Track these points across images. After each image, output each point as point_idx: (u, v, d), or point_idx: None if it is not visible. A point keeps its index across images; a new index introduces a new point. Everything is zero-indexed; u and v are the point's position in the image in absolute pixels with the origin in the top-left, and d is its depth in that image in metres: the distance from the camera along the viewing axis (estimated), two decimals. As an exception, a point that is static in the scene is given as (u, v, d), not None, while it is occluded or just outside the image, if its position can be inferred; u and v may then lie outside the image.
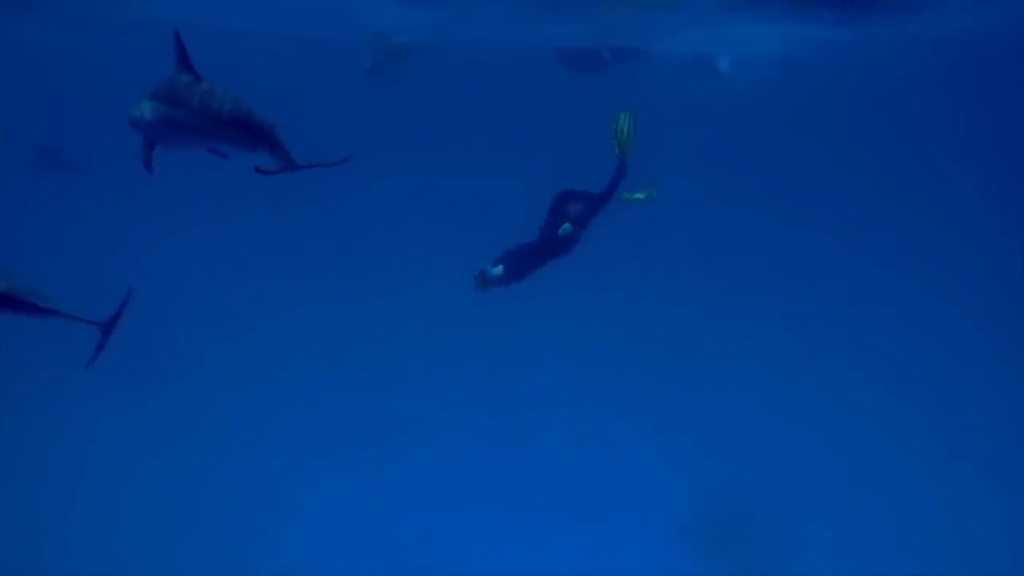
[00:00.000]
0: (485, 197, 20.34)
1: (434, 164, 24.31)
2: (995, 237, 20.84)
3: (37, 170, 19.53)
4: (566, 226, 8.48)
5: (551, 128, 23.10)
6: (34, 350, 11.90)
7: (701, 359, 16.27)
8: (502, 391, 15.41)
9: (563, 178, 8.84)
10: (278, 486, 13.44)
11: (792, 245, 21.60)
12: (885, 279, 20.03)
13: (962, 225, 22.11)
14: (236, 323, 17.61)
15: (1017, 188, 22.65)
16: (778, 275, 19.86)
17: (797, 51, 18.57)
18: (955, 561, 11.80)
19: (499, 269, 8.25)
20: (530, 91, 22.78)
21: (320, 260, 19.91)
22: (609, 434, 14.64)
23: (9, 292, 5.99)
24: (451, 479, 13.61)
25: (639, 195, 8.75)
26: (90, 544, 11.84)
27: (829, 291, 19.64)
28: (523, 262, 8.39)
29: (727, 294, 18.91)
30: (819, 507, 12.93)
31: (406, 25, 16.68)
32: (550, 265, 8.56)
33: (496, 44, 18.84)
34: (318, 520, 12.75)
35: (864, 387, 15.78)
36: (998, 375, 15.62)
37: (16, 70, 21.71)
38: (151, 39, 6.25)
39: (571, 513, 12.91)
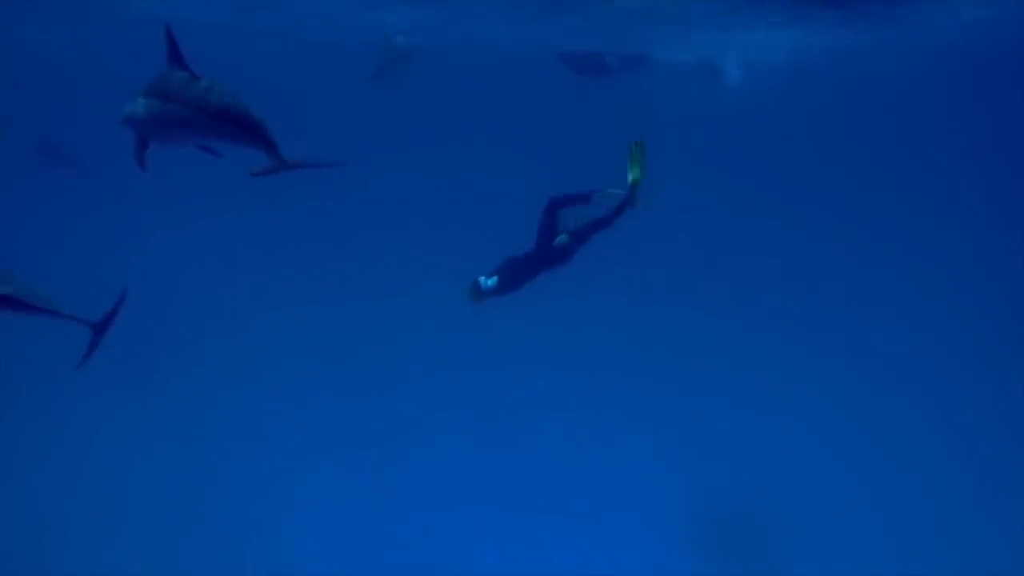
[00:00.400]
0: (487, 199, 20.34)
1: (435, 166, 24.30)
2: (1002, 244, 20.79)
3: (37, 167, 19.53)
4: (562, 237, 8.40)
5: (554, 131, 23.11)
6: (34, 349, 11.90)
7: (703, 361, 16.28)
8: (501, 392, 15.42)
9: (564, 181, 8.80)
10: (276, 485, 13.44)
11: (793, 247, 21.60)
12: (886, 283, 20.02)
13: (969, 231, 22.06)
14: (235, 322, 17.62)
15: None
16: (780, 278, 19.84)
17: (803, 57, 18.57)
18: (957, 564, 11.79)
19: (493, 281, 8.20)
20: (532, 93, 22.76)
21: (321, 260, 19.91)
22: (609, 435, 14.64)
23: (8, 294, 5.99)
24: (450, 479, 13.61)
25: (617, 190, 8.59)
26: (89, 542, 11.84)
27: (832, 294, 19.64)
28: (518, 273, 8.32)
29: (730, 297, 18.90)
30: (819, 509, 12.92)
31: (406, 26, 16.66)
32: (547, 275, 8.49)
33: (498, 46, 18.83)
34: (316, 519, 12.74)
35: (864, 389, 15.79)
36: (998, 376, 15.62)
37: (15, 68, 21.69)
38: (152, 37, 6.21)
39: (571, 514, 12.91)
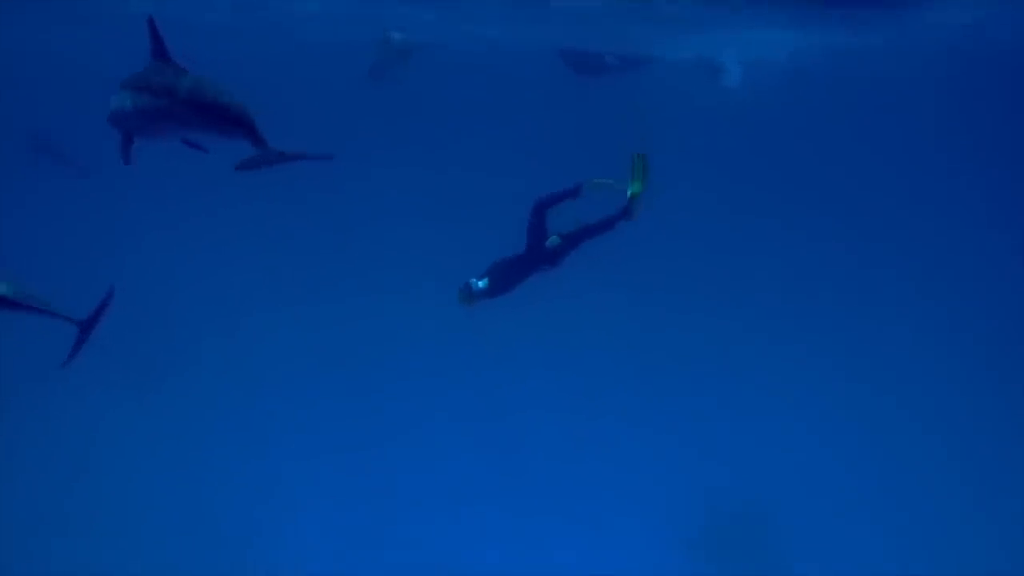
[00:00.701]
0: (486, 198, 20.30)
1: (433, 164, 24.26)
2: (1002, 244, 20.76)
3: (36, 167, 19.49)
4: (553, 239, 8.37)
5: (553, 130, 23.07)
6: (32, 348, 11.87)
7: (703, 362, 16.27)
8: (501, 392, 15.40)
9: (563, 181, 8.76)
10: (276, 485, 13.43)
11: (793, 248, 21.58)
12: (886, 284, 20.00)
13: (969, 232, 22.03)
14: (234, 321, 17.60)
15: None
16: (779, 279, 19.83)
17: (803, 57, 18.54)
18: (957, 564, 11.78)
19: (484, 283, 8.18)
20: (532, 92, 22.72)
21: (319, 259, 19.88)
22: (609, 436, 14.63)
23: (2, 295, 6.00)
24: (450, 480, 13.60)
25: (609, 180, 8.52)
26: (89, 542, 11.83)
27: (832, 295, 19.62)
28: (509, 275, 8.30)
29: (730, 298, 18.87)
30: (819, 509, 12.92)
31: (406, 25, 16.65)
32: (538, 277, 8.46)
33: (498, 44, 18.80)
34: (316, 519, 12.73)
35: (864, 390, 15.78)
36: (998, 377, 15.61)
37: (15, 68, 21.67)
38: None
39: (571, 515, 12.90)
